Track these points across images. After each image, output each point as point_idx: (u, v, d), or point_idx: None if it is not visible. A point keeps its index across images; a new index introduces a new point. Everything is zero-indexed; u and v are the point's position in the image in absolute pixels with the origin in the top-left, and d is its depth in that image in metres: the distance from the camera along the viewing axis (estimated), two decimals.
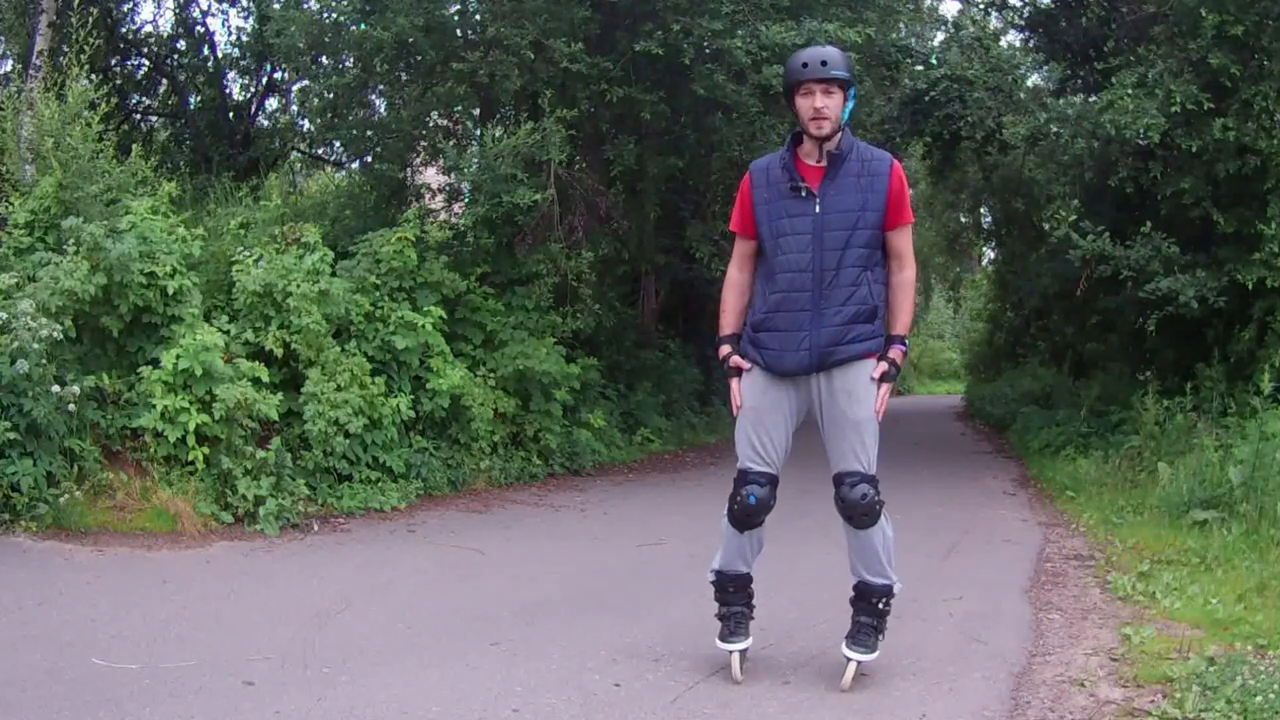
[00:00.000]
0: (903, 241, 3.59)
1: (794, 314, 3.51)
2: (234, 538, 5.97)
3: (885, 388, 3.55)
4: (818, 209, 3.50)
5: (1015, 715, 3.38)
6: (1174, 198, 8.95)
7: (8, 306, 5.73)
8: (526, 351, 8.70)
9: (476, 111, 11.07)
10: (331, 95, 9.83)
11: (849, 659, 3.60)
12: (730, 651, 3.66)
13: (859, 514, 3.50)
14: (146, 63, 13.38)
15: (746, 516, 3.57)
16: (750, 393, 3.60)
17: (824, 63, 3.42)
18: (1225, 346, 8.98)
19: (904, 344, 3.61)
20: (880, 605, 3.64)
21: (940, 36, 13.33)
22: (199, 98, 13.37)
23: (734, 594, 3.69)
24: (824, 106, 3.43)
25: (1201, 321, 9.12)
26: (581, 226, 9.73)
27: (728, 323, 3.74)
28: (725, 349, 3.71)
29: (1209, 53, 8.28)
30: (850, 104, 3.51)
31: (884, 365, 3.54)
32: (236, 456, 6.31)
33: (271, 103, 13.92)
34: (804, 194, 3.52)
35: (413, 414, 7.61)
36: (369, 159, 10.46)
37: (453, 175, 9.68)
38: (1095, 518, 7.01)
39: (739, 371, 3.64)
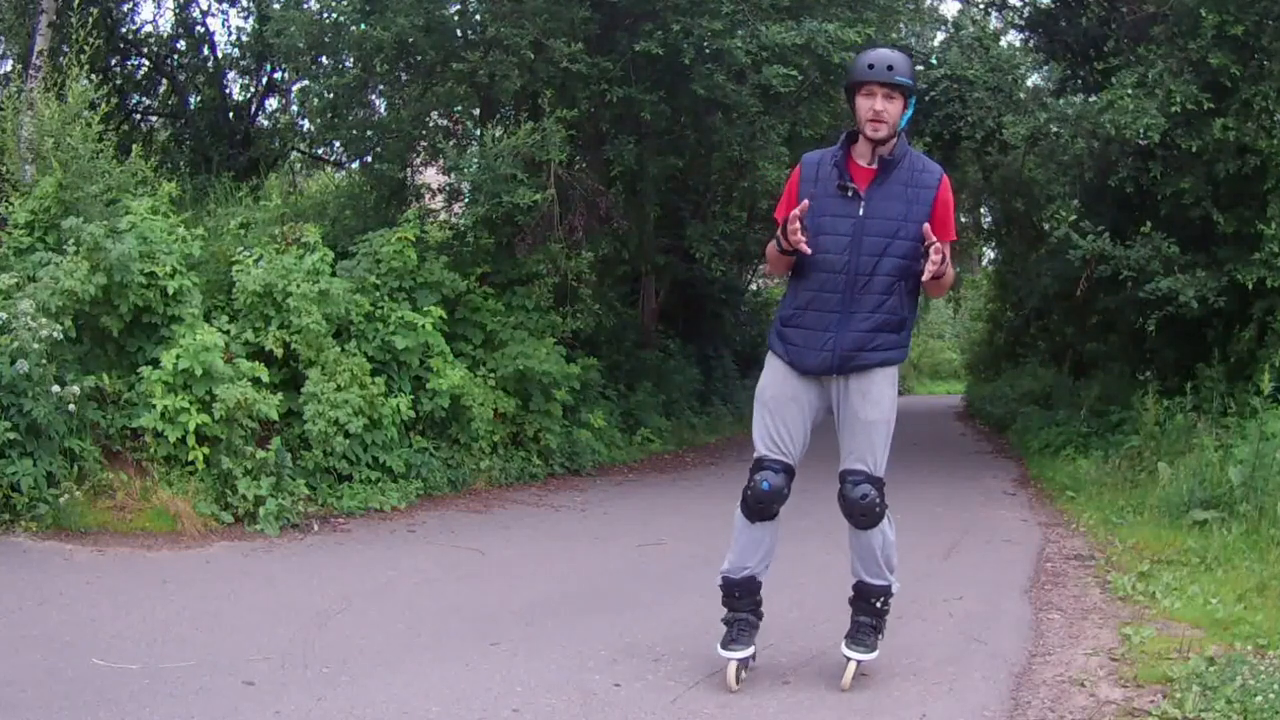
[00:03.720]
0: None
1: (822, 314, 3.50)
2: (234, 538, 5.97)
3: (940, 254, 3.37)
4: (861, 211, 3.49)
5: (1015, 715, 3.39)
6: (1174, 198, 8.95)
7: (8, 306, 5.73)
8: (526, 351, 8.69)
9: (476, 111, 11.05)
10: (331, 95, 9.82)
11: (848, 659, 3.60)
12: (728, 659, 3.58)
13: (858, 513, 3.50)
14: (146, 63, 13.39)
15: (759, 504, 3.54)
16: (771, 383, 3.59)
17: (890, 67, 3.43)
18: (1225, 346, 8.98)
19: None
20: (878, 605, 3.64)
21: (940, 36, 13.33)
22: (199, 98, 13.37)
23: (740, 599, 3.64)
24: (883, 110, 3.43)
25: (1201, 321, 9.12)
26: (581, 226, 9.73)
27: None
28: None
29: (1209, 53, 8.28)
30: (909, 111, 3.50)
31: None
32: (236, 456, 6.31)
33: (271, 103, 13.96)
34: (850, 194, 3.50)
35: (413, 414, 7.60)
36: (369, 159, 10.45)
37: (453, 175, 9.68)
38: (1095, 518, 7.01)
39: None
